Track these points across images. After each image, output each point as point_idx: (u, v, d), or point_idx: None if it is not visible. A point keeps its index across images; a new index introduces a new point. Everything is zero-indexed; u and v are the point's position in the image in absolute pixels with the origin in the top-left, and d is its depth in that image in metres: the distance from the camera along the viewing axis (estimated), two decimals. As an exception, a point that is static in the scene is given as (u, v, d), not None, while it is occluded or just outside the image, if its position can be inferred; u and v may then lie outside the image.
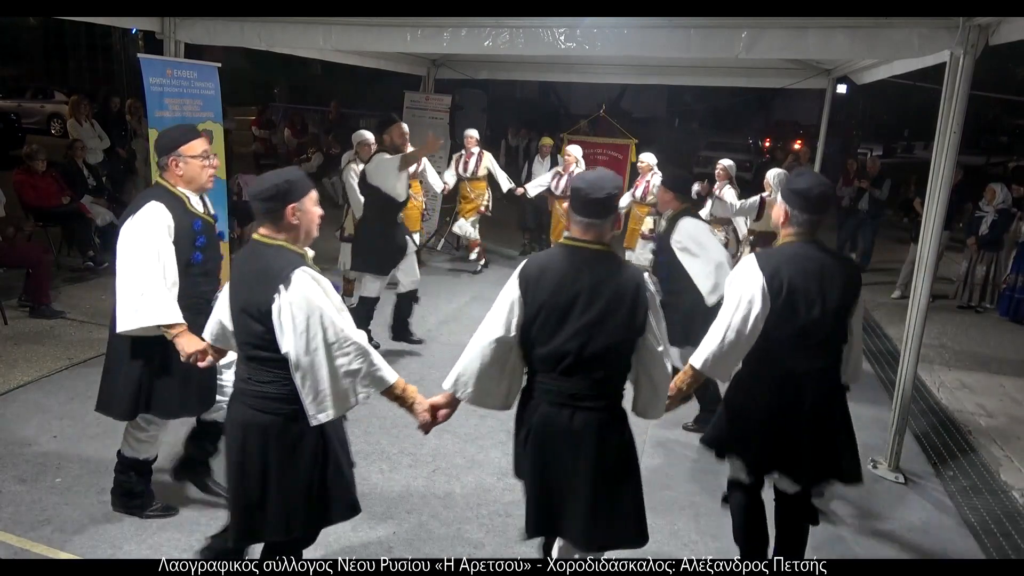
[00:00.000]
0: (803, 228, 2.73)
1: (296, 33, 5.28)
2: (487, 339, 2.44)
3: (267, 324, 2.27)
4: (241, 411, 2.41)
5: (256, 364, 2.37)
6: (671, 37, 4.41)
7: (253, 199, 2.37)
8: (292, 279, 2.25)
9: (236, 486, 2.44)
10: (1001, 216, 7.96)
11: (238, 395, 2.45)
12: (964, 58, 3.73)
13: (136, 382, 3.07)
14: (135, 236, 2.93)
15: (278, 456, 2.37)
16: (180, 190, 3.09)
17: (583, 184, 2.38)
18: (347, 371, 2.36)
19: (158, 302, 2.88)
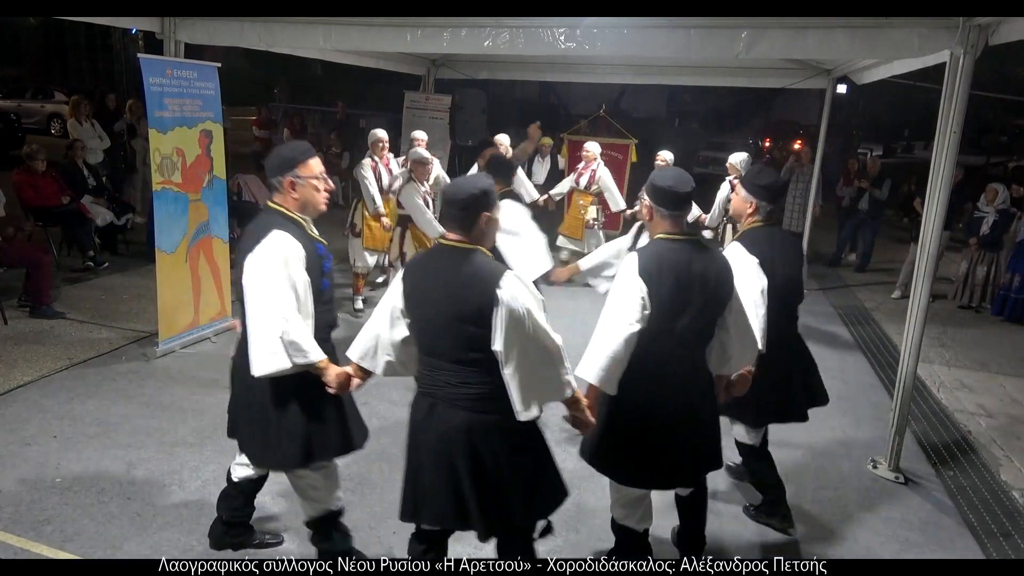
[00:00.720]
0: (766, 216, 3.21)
1: (296, 33, 5.28)
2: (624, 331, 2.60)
3: (486, 326, 2.32)
4: (458, 416, 2.40)
5: (470, 367, 2.39)
6: (671, 37, 4.41)
7: (449, 206, 2.43)
8: (507, 282, 2.34)
9: (472, 485, 2.42)
10: (1002, 216, 7.96)
11: (446, 401, 2.42)
12: (964, 58, 3.73)
13: (299, 427, 2.77)
14: (265, 270, 2.61)
15: (512, 449, 2.44)
16: (297, 215, 2.77)
17: (673, 181, 2.73)
18: (545, 371, 2.43)
19: (301, 341, 2.61)
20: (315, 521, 3.03)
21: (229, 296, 6.01)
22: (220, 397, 4.66)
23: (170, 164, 5.19)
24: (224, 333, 5.86)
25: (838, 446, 4.58)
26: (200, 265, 5.59)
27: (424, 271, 2.47)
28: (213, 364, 5.24)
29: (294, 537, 3.30)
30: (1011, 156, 24.67)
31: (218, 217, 5.73)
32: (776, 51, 4.32)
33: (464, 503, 2.45)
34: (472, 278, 2.36)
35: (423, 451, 2.49)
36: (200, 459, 3.92)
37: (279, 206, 2.76)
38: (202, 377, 4.99)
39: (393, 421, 4.51)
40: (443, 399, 2.42)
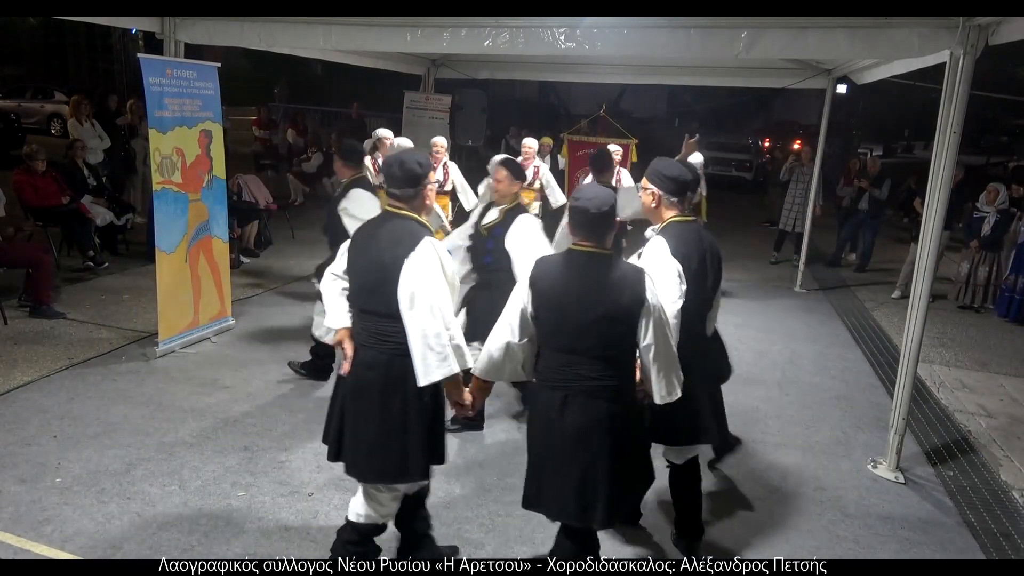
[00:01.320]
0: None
1: (296, 33, 5.28)
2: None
3: (634, 324, 2.53)
4: (600, 407, 2.55)
5: (609, 362, 2.56)
6: (671, 37, 4.41)
7: (583, 214, 2.55)
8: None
9: (607, 474, 2.56)
10: (1002, 216, 7.96)
11: (584, 394, 2.54)
12: (964, 58, 3.73)
13: (427, 439, 2.76)
14: (429, 277, 2.60)
15: (638, 437, 2.73)
16: (425, 220, 2.79)
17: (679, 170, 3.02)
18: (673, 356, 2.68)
19: (464, 347, 2.65)
20: (358, 527, 2.93)
21: (229, 296, 6.01)
22: (220, 397, 4.68)
23: (170, 164, 5.19)
24: (224, 333, 5.86)
25: (838, 446, 4.58)
26: (200, 265, 5.59)
27: (560, 276, 2.58)
28: (213, 364, 5.25)
29: (294, 537, 3.30)
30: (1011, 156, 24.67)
31: (218, 217, 5.73)
32: (776, 51, 4.32)
33: (589, 495, 2.55)
34: (621, 281, 2.54)
35: (553, 441, 2.59)
36: (200, 459, 3.92)
37: (412, 213, 2.75)
38: (202, 377, 4.99)
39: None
40: (581, 392, 2.54)
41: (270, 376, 5.10)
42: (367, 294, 2.71)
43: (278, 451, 4.06)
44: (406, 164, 2.71)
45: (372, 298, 2.69)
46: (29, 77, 25.61)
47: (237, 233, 7.92)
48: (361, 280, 2.73)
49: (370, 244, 2.71)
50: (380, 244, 2.68)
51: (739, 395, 5.32)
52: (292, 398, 4.76)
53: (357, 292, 2.76)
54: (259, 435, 4.23)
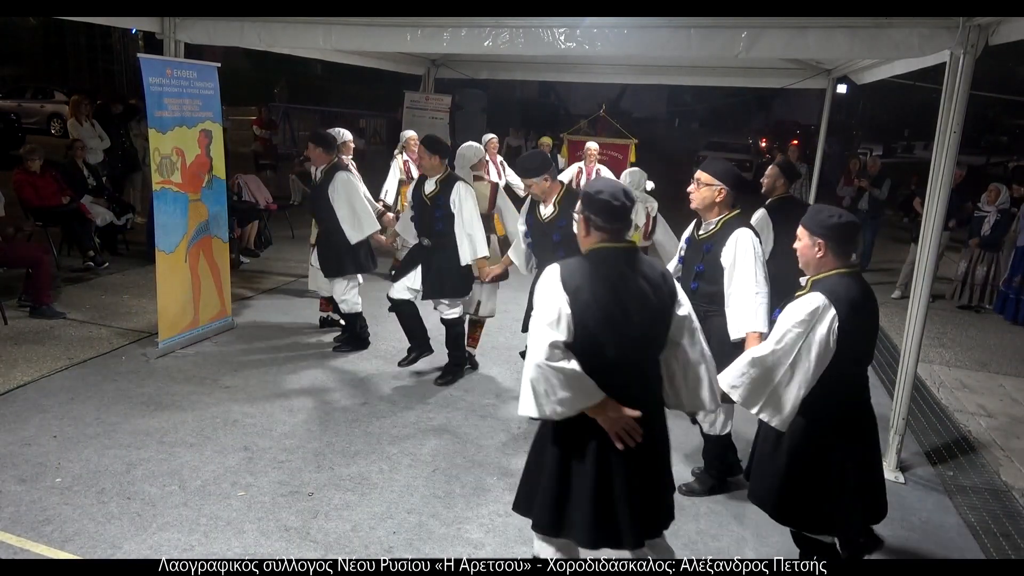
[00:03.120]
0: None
1: (296, 33, 5.28)
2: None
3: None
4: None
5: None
6: (671, 37, 4.41)
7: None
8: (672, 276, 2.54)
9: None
10: (1003, 216, 7.96)
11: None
12: (964, 58, 3.73)
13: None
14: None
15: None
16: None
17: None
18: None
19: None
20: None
21: (229, 296, 6.01)
22: (220, 397, 4.68)
23: (170, 164, 5.19)
24: (224, 333, 5.86)
25: (838, 446, 4.58)
26: (200, 265, 5.59)
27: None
28: (213, 364, 5.25)
29: (294, 537, 3.30)
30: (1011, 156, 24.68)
31: (218, 217, 5.73)
32: (776, 51, 4.32)
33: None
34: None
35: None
36: (200, 459, 3.92)
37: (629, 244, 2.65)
38: (202, 377, 4.99)
39: (392, 421, 4.52)
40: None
41: (270, 376, 5.10)
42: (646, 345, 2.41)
43: (278, 451, 4.06)
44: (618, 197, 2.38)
45: (651, 347, 2.42)
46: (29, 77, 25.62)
47: (237, 233, 7.92)
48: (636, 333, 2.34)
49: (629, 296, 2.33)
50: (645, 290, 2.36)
51: (739, 395, 5.32)
52: (292, 398, 4.76)
53: (630, 346, 2.35)
54: (259, 435, 4.23)
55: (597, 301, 2.28)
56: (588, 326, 2.27)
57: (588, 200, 2.37)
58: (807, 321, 2.52)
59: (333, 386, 5.00)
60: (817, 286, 2.61)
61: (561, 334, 2.25)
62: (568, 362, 2.23)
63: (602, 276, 2.32)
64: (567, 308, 2.26)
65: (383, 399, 4.82)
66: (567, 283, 2.29)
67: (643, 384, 2.40)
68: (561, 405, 2.25)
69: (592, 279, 2.30)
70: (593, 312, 2.27)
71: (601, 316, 2.28)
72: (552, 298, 2.28)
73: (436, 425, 4.50)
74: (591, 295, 2.28)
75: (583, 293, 2.28)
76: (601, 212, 2.34)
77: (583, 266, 2.35)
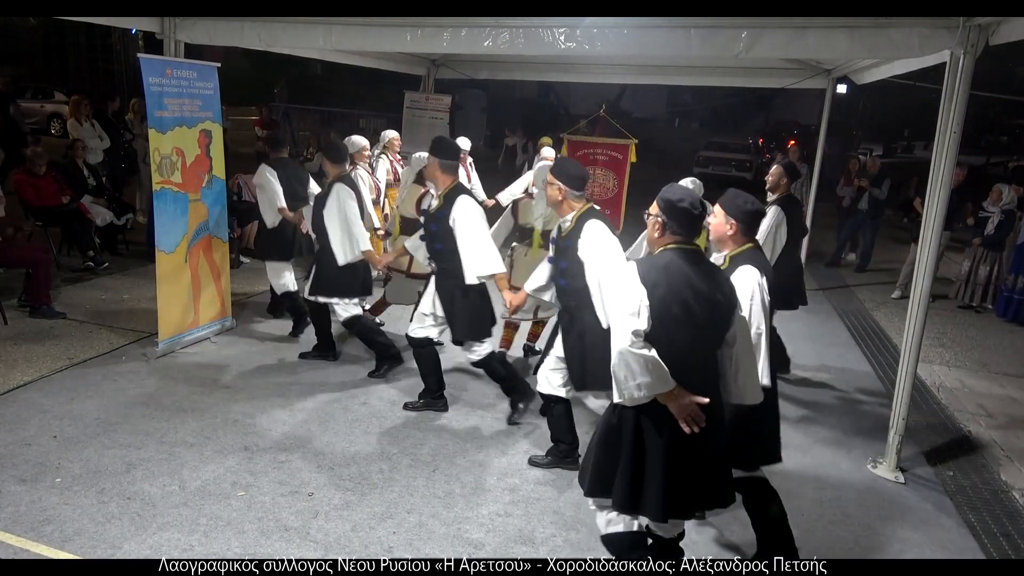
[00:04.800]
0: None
1: (296, 33, 5.28)
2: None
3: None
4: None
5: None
6: (671, 37, 4.41)
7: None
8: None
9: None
10: (1007, 216, 7.96)
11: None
12: (964, 58, 3.73)
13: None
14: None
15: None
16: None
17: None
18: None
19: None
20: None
21: (229, 296, 6.01)
22: (220, 397, 4.68)
23: (169, 164, 5.19)
24: (224, 333, 5.86)
25: (838, 446, 4.58)
26: (200, 265, 5.59)
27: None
28: (213, 364, 5.25)
29: (294, 537, 3.30)
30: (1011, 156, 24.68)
31: (218, 217, 5.73)
32: (776, 51, 4.32)
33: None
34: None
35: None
36: (200, 459, 3.92)
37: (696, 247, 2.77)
38: (202, 377, 4.99)
39: (392, 421, 4.52)
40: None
41: (270, 376, 5.10)
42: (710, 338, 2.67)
43: (278, 451, 4.06)
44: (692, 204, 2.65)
45: (714, 340, 2.68)
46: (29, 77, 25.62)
47: (237, 233, 7.92)
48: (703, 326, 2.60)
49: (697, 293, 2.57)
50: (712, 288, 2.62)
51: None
52: (292, 398, 4.76)
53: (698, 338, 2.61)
54: (259, 435, 4.23)
55: (672, 295, 2.52)
56: (663, 318, 2.50)
57: (669, 207, 2.61)
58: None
59: (333, 386, 5.00)
60: (739, 260, 2.94)
61: (642, 324, 2.48)
62: (648, 350, 2.46)
63: (675, 273, 2.55)
64: (646, 300, 2.50)
65: (383, 399, 4.82)
66: (645, 278, 2.53)
67: (706, 375, 2.64)
68: (640, 390, 2.49)
69: (667, 275, 2.54)
70: (668, 305, 2.51)
71: (674, 310, 2.51)
72: (633, 291, 2.52)
73: (436, 425, 4.50)
74: (667, 290, 2.52)
75: (659, 288, 2.52)
76: (680, 218, 2.60)
77: (658, 264, 2.59)
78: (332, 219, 4.92)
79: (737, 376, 2.74)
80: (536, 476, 3.96)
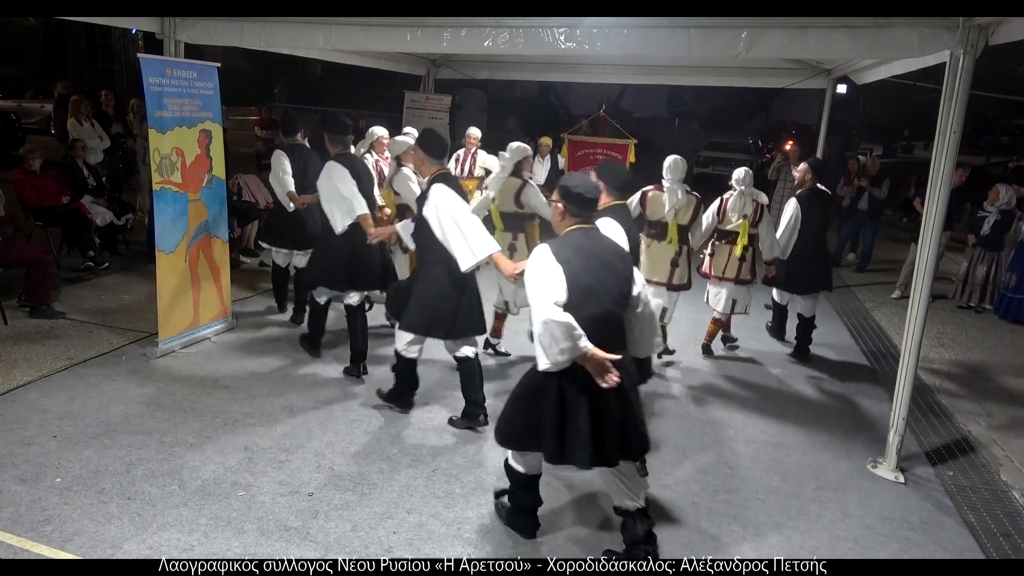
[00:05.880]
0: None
1: (296, 33, 5.28)
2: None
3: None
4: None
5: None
6: (671, 37, 4.41)
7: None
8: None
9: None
10: (1004, 216, 7.95)
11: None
12: (964, 58, 3.73)
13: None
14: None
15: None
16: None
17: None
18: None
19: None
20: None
21: (229, 296, 6.01)
22: (220, 397, 4.68)
23: (169, 164, 5.19)
24: (224, 333, 5.86)
25: (838, 446, 4.58)
26: (200, 265, 5.59)
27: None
28: (213, 364, 5.25)
29: (294, 537, 3.30)
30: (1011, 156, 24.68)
31: (218, 217, 5.73)
32: (776, 51, 4.32)
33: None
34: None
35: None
36: (200, 459, 3.92)
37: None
38: (202, 377, 4.99)
39: (392, 421, 4.51)
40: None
41: (270, 376, 5.10)
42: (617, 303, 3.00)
43: (278, 451, 4.06)
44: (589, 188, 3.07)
45: (621, 305, 3.01)
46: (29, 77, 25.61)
47: (237, 233, 7.92)
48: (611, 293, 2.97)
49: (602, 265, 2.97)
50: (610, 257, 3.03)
51: (739, 395, 5.33)
52: (292, 398, 4.76)
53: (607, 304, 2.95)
54: (259, 435, 4.23)
55: (582, 269, 2.89)
56: (576, 289, 2.85)
57: (566, 193, 3.01)
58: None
59: (333, 386, 5.00)
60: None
61: (561, 296, 2.82)
62: (567, 317, 2.77)
63: (582, 250, 2.95)
64: (562, 275, 2.84)
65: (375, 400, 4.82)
66: (559, 256, 2.89)
67: (616, 335, 2.98)
68: (562, 354, 2.79)
69: (576, 252, 2.93)
70: (579, 277, 2.87)
71: (585, 280, 2.88)
72: (550, 268, 2.86)
73: (436, 425, 4.50)
74: (577, 264, 2.89)
75: (571, 264, 2.87)
76: (576, 201, 3.00)
77: (567, 243, 2.97)
78: (325, 192, 4.82)
79: (634, 334, 3.13)
80: (536, 476, 3.96)
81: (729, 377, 5.67)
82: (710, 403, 5.15)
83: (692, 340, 6.26)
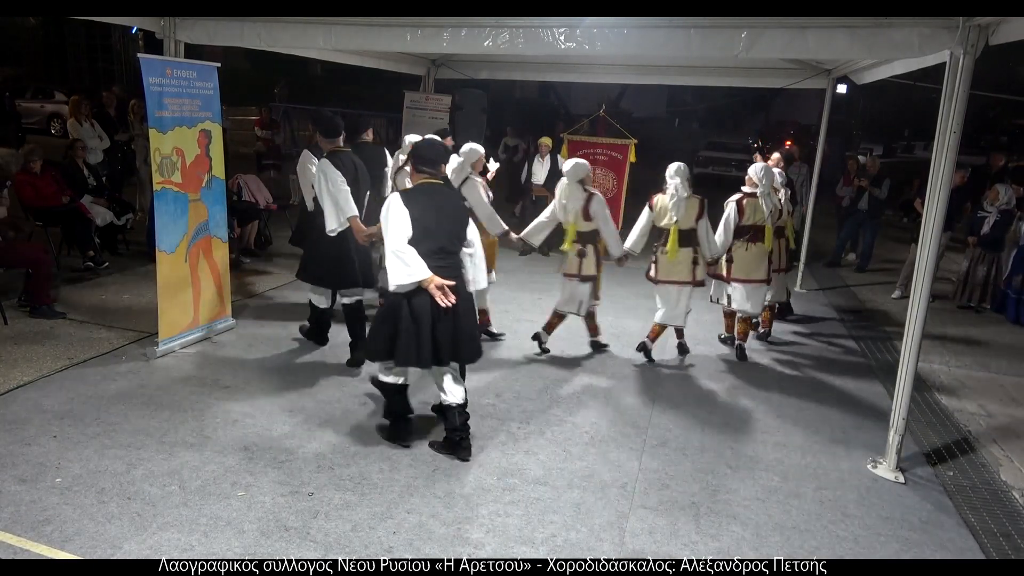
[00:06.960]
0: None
1: (296, 33, 5.28)
2: None
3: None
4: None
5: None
6: (671, 37, 4.41)
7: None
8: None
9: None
10: (1003, 216, 7.95)
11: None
12: (964, 58, 3.73)
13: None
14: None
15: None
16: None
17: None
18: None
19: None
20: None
21: (229, 296, 6.01)
22: (220, 397, 4.68)
23: (170, 164, 5.19)
24: (224, 333, 5.86)
25: (838, 446, 4.58)
26: (200, 265, 5.59)
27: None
28: (213, 364, 5.25)
29: (294, 537, 3.30)
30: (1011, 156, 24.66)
31: (218, 217, 5.73)
32: (776, 51, 4.32)
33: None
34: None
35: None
36: (200, 459, 3.92)
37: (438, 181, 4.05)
38: (202, 377, 4.99)
39: (393, 421, 4.51)
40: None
41: (270, 376, 5.10)
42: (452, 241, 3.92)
43: (278, 451, 4.06)
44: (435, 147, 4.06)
45: (456, 243, 3.95)
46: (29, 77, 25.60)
47: (237, 233, 7.92)
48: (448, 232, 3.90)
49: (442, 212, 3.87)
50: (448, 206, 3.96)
51: (739, 394, 5.33)
52: (292, 398, 4.76)
53: (445, 240, 3.85)
54: (259, 435, 4.23)
55: (426, 213, 3.76)
56: (421, 228, 3.72)
57: (415, 151, 3.96)
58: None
59: (333, 386, 5.00)
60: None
61: (407, 232, 3.70)
62: (410, 248, 3.69)
63: (427, 199, 3.83)
64: (408, 218, 3.70)
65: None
66: (408, 202, 3.76)
67: (452, 266, 3.87)
68: (409, 277, 3.68)
69: (421, 200, 3.80)
70: (422, 219, 3.73)
71: (427, 222, 3.75)
72: (400, 212, 3.73)
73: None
74: (421, 210, 3.75)
75: (416, 208, 3.74)
76: (423, 156, 3.91)
77: (415, 193, 3.86)
78: (319, 192, 4.98)
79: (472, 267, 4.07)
80: (536, 476, 3.97)
81: (729, 377, 5.68)
82: (710, 403, 5.15)
83: (692, 340, 6.26)
